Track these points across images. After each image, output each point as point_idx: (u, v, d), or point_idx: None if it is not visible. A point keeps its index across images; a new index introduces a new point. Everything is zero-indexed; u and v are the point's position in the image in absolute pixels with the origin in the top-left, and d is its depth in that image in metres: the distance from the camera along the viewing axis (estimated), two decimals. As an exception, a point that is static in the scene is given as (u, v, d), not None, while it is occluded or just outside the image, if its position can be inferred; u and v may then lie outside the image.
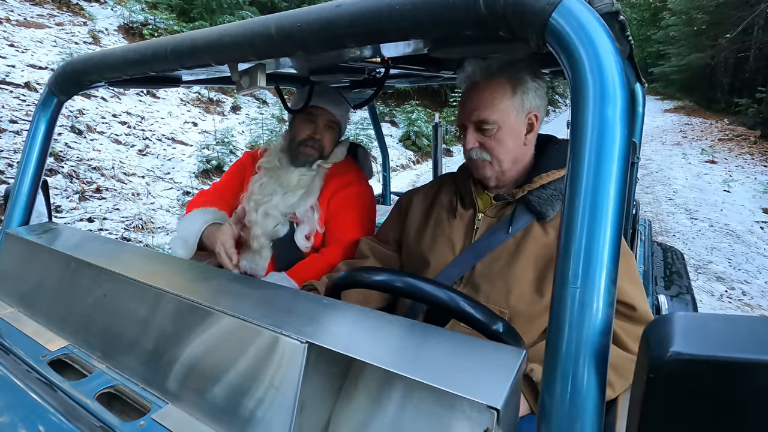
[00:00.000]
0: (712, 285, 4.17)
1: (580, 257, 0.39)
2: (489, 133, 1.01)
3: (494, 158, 1.02)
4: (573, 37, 0.41)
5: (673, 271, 1.77)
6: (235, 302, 0.61)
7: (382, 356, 0.46)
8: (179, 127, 6.78)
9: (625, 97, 0.40)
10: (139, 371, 0.65)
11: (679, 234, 5.52)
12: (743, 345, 0.29)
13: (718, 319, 0.32)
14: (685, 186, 7.79)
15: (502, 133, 1.00)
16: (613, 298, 0.39)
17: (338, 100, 1.44)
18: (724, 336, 0.30)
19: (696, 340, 0.30)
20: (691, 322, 0.32)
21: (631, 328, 0.91)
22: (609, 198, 0.39)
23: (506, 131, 1.00)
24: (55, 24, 7.17)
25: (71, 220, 4.12)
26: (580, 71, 0.41)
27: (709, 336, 0.31)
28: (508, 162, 1.02)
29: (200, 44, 0.75)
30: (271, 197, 1.32)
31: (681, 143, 11.48)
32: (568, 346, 0.38)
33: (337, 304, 0.58)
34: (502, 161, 1.02)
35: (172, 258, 0.84)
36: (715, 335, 0.31)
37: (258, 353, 0.53)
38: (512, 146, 1.01)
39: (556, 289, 0.40)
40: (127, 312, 0.71)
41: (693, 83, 17.61)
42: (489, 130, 1.00)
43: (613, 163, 0.39)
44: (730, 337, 0.30)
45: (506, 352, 0.45)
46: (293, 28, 0.61)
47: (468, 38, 0.56)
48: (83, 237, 0.98)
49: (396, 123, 10.44)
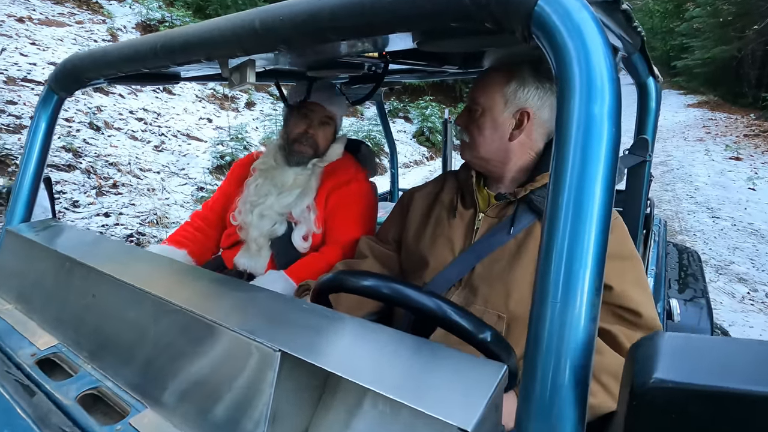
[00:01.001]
0: (734, 286, 4.03)
1: (560, 269, 0.36)
2: (473, 115, 1.01)
3: (472, 141, 1.02)
4: (559, 26, 0.37)
5: (688, 274, 1.69)
6: (216, 306, 0.59)
7: (356, 369, 0.44)
8: (194, 123, 6.86)
9: (614, 93, 0.37)
10: (122, 373, 0.65)
11: (700, 233, 5.34)
12: (736, 374, 0.26)
13: (710, 342, 0.28)
14: (707, 183, 7.54)
15: (484, 118, 1.00)
16: (596, 313, 0.36)
17: (333, 95, 1.41)
18: (716, 362, 0.27)
19: (683, 366, 0.27)
20: (679, 344, 0.29)
21: (635, 335, 0.86)
22: (594, 205, 0.36)
23: (488, 118, 0.99)
24: (75, 22, 7.32)
25: (88, 215, 4.21)
26: (565, 64, 0.37)
27: (699, 361, 0.27)
28: (485, 150, 1.01)
29: (190, 40, 0.73)
30: (266, 198, 1.31)
31: (704, 139, 11.12)
32: (545, 365, 0.35)
33: (316, 310, 0.55)
34: (478, 146, 1.02)
35: (165, 259, 0.83)
36: (705, 361, 0.27)
37: (232, 360, 0.52)
38: (490, 136, 1.00)
39: (534, 303, 0.37)
40: (113, 313, 0.70)
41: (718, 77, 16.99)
42: (474, 112, 1.01)
43: (599, 165, 0.36)
44: (721, 364, 0.27)
45: (485, 367, 0.42)
46: (276, 21, 0.59)
47: (456, 31, 0.53)
48: (80, 235, 0.98)
49: (410, 119, 10.37)
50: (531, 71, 0.97)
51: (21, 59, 5.64)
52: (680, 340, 0.29)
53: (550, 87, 0.98)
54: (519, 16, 0.40)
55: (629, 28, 0.77)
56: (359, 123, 9.13)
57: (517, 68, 0.97)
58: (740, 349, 0.27)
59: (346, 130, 8.28)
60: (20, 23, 6.42)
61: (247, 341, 0.50)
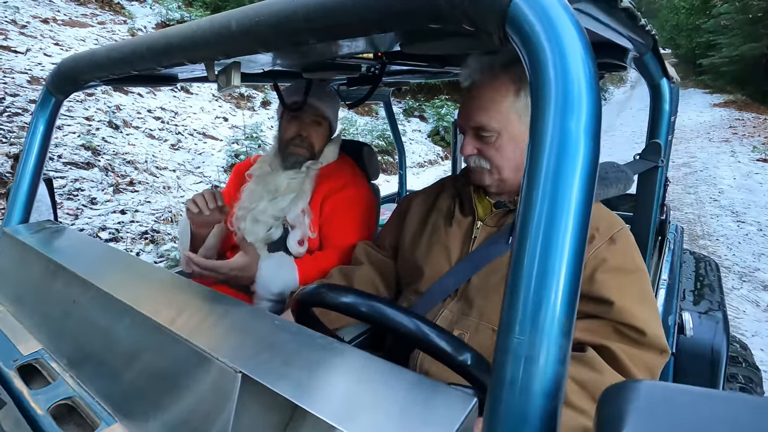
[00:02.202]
0: (758, 294, 3.86)
1: (528, 301, 0.32)
2: (488, 140, 0.92)
3: (493, 167, 0.94)
4: (536, 27, 0.33)
5: (704, 284, 1.61)
6: (187, 319, 0.57)
7: (322, 399, 0.41)
8: (210, 122, 6.95)
9: (593, 105, 0.33)
10: (97, 384, 0.63)
11: (723, 238, 5.15)
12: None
13: (692, 394, 0.24)
14: (732, 186, 7.27)
15: (502, 140, 0.91)
16: (565, 354, 0.32)
17: (324, 94, 1.38)
18: (696, 421, 0.23)
19: (656, 423, 0.23)
20: (656, 395, 0.25)
21: (637, 354, 0.81)
22: (567, 231, 0.32)
23: (507, 139, 0.91)
24: (98, 23, 7.49)
25: (105, 212, 4.31)
26: (541, 71, 0.33)
27: (676, 418, 0.24)
28: (508, 170, 0.94)
29: (171, 42, 0.72)
30: (258, 203, 1.29)
31: (730, 140, 10.72)
32: (508, 409, 0.31)
33: (287, 327, 0.53)
34: (502, 169, 0.94)
35: (152, 269, 0.81)
36: (684, 419, 0.23)
37: (195, 379, 0.49)
38: (513, 154, 0.92)
39: (499, 337, 0.34)
40: (91, 321, 0.69)
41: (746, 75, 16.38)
42: (488, 138, 0.92)
43: (572, 187, 0.32)
44: (702, 422, 0.23)
45: (453, 399, 0.38)
46: (251, 23, 0.57)
47: (436, 33, 0.50)
48: (73, 239, 0.98)
49: (425, 118, 10.31)
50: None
51: (45, 59, 5.80)
52: (658, 390, 0.25)
53: None
54: (493, 15, 0.36)
55: (636, 27, 0.72)
56: (374, 122, 9.11)
57: (518, 75, 0.90)
58: (724, 405, 0.23)
59: (361, 130, 8.27)
60: (45, 24, 6.61)
61: (209, 359, 0.48)
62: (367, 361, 0.47)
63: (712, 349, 1.18)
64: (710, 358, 1.17)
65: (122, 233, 4.16)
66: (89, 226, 4.00)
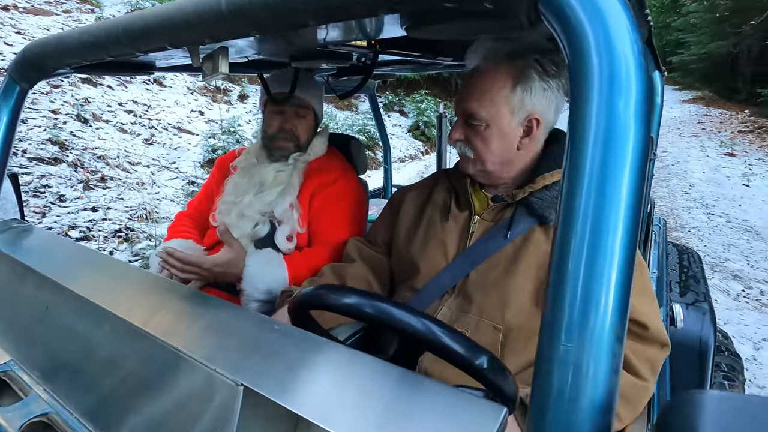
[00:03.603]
0: (728, 284, 4.01)
1: (575, 304, 0.29)
2: (476, 128, 0.90)
3: (477, 156, 0.92)
4: (574, 4, 0.30)
5: (689, 276, 1.64)
6: (178, 327, 0.52)
7: (331, 413, 0.37)
8: (185, 116, 6.74)
9: (642, 87, 0.30)
10: (75, 398, 0.58)
11: (695, 230, 5.33)
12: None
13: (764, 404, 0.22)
14: (702, 179, 7.53)
15: (490, 132, 0.89)
16: (619, 363, 0.29)
17: (308, 84, 1.32)
18: None
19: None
20: (725, 406, 0.22)
21: (642, 349, 0.80)
22: (618, 227, 0.29)
23: (494, 131, 0.89)
24: (63, 11, 7.14)
25: (75, 210, 4.11)
26: (582, 51, 0.30)
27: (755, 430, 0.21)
28: (492, 164, 0.92)
29: (152, 24, 0.66)
30: (243, 197, 1.23)
31: (699, 135, 11.11)
32: (555, 423, 0.29)
33: (289, 334, 0.49)
34: (485, 161, 0.92)
35: (131, 270, 0.75)
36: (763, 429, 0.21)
37: (192, 393, 0.45)
38: (498, 149, 0.90)
39: (541, 346, 0.31)
40: (67, 329, 0.63)
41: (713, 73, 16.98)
42: (476, 126, 0.90)
43: (623, 176, 0.29)
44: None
45: (483, 409, 0.35)
46: (244, 3, 0.52)
47: (448, 13, 0.46)
48: (42, 239, 0.91)
49: (405, 113, 10.27)
50: (536, 72, 0.86)
51: (6, 48, 5.49)
52: (725, 402, 0.23)
53: (555, 84, 0.89)
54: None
55: (641, 15, 0.70)
56: (354, 117, 9.03)
57: (520, 70, 0.87)
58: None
59: (341, 124, 8.17)
60: (5, 11, 6.25)
61: (207, 371, 0.44)
62: (375, 367, 0.43)
63: (701, 340, 1.19)
64: (699, 349, 1.19)
65: (94, 231, 3.98)
66: (58, 224, 3.81)
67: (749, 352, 2.89)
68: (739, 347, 2.90)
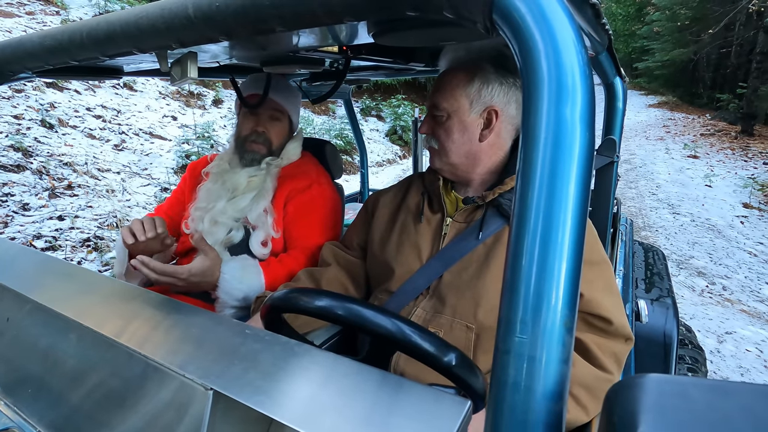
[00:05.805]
0: (694, 280, 4.19)
1: (528, 298, 0.31)
2: (439, 120, 0.96)
3: (441, 148, 0.98)
4: (525, 15, 0.32)
5: (654, 273, 1.71)
6: (146, 333, 0.52)
7: (303, 414, 0.37)
8: (158, 121, 6.58)
9: (587, 93, 0.32)
10: (38, 410, 0.56)
11: (662, 229, 5.54)
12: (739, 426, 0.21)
13: (704, 387, 0.24)
14: (668, 181, 7.85)
15: (451, 122, 0.95)
16: (569, 352, 0.31)
17: (283, 88, 1.33)
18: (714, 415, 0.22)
19: (674, 419, 0.23)
20: (667, 390, 0.24)
21: (606, 343, 0.84)
22: (566, 225, 0.31)
23: (455, 121, 0.95)
24: (26, 13, 6.88)
25: (40, 219, 3.96)
26: (532, 59, 0.32)
27: (693, 413, 0.23)
28: (456, 155, 0.97)
29: (117, 28, 0.65)
30: (216, 203, 1.21)
31: (664, 138, 11.58)
32: (511, 412, 0.30)
33: (260, 337, 0.49)
34: (449, 152, 0.97)
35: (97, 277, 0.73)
36: (702, 413, 0.23)
37: (160, 399, 0.44)
38: (460, 139, 0.95)
39: (498, 339, 0.32)
40: (29, 340, 0.61)
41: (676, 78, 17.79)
42: (439, 117, 0.96)
43: (570, 177, 0.31)
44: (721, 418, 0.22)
45: (448, 405, 0.36)
46: (212, 8, 0.52)
47: (412, 22, 0.47)
48: (4, 249, 0.87)
49: (382, 117, 10.33)
50: (492, 67, 0.93)
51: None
52: (667, 385, 0.24)
53: (513, 82, 0.94)
54: (479, 2, 0.34)
55: (598, 25, 0.73)
56: (331, 121, 9.01)
57: (477, 66, 0.93)
58: (739, 396, 0.23)
59: (318, 129, 8.15)
60: (-38, 13, 5.98)
61: (176, 377, 0.43)
62: (348, 368, 0.44)
63: (665, 333, 1.25)
64: (663, 342, 1.24)
65: (60, 241, 3.83)
66: (21, 234, 3.66)
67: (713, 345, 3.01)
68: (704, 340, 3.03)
